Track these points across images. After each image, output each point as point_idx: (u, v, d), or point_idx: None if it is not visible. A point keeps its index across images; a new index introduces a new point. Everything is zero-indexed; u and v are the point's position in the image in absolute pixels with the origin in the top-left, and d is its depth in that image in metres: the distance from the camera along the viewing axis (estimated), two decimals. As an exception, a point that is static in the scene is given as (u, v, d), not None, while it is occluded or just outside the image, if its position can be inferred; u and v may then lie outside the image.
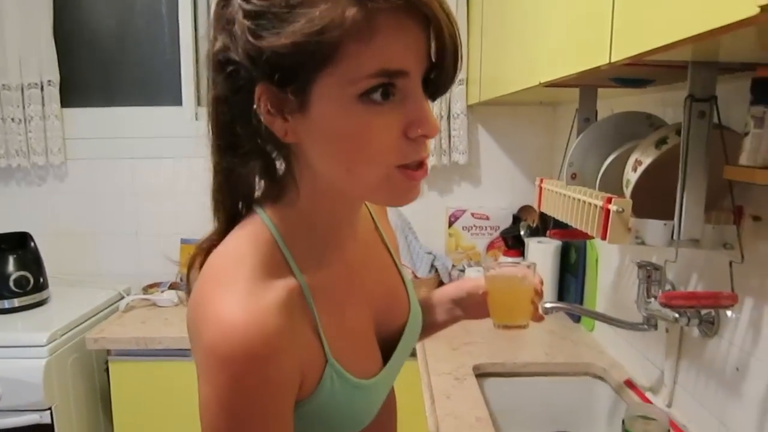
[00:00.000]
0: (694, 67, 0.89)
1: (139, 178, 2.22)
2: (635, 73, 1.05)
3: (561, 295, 1.89)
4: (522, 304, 0.89)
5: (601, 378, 1.47)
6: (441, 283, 2.01)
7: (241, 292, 0.57)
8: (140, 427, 1.84)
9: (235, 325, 0.54)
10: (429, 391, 1.33)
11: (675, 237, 0.90)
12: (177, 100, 2.21)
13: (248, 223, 0.64)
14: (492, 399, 1.44)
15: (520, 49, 1.30)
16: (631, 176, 0.95)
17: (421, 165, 0.60)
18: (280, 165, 0.65)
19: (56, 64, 2.12)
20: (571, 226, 1.15)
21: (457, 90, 1.99)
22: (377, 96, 0.54)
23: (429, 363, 1.49)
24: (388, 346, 0.75)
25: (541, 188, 1.29)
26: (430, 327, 0.95)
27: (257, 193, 0.67)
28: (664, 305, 0.91)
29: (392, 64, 0.54)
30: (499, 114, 2.11)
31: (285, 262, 0.63)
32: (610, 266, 1.57)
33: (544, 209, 1.30)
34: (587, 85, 1.30)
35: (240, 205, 0.67)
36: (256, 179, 0.66)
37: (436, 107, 1.99)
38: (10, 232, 2.02)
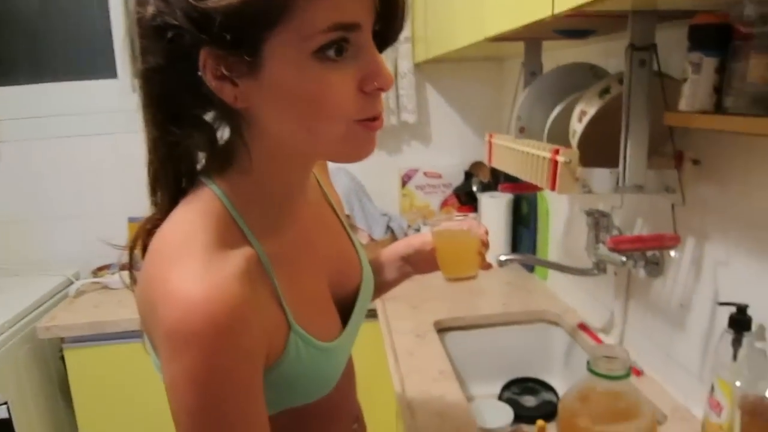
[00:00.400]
0: (634, 16, 0.91)
1: (77, 156, 2.12)
2: (577, 25, 1.06)
3: (515, 247, 1.93)
4: (469, 255, 0.92)
5: (555, 323, 1.53)
6: (398, 244, 2.03)
7: (197, 266, 0.55)
8: (103, 413, 1.81)
9: (195, 300, 0.52)
10: (392, 350, 1.36)
11: (620, 184, 0.92)
12: (112, 73, 2.11)
13: (195, 196, 0.62)
14: (454, 352, 1.48)
15: (466, 4, 1.29)
16: (577, 127, 0.97)
17: (376, 117, 0.59)
18: (222, 134, 0.63)
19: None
20: (521, 180, 1.18)
21: (403, 48, 1.97)
22: (332, 52, 0.53)
23: (390, 323, 1.51)
24: (345, 309, 0.77)
25: (490, 143, 1.31)
26: (382, 286, 0.98)
27: (200, 166, 0.65)
28: (613, 250, 0.94)
29: (345, 17, 0.53)
30: (446, 71, 2.10)
31: (240, 232, 0.62)
32: (560, 216, 1.62)
33: (495, 164, 1.31)
34: (532, 38, 1.31)
35: (183, 181, 0.65)
36: (198, 151, 0.64)
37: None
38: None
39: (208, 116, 0.62)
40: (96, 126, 2.10)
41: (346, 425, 0.82)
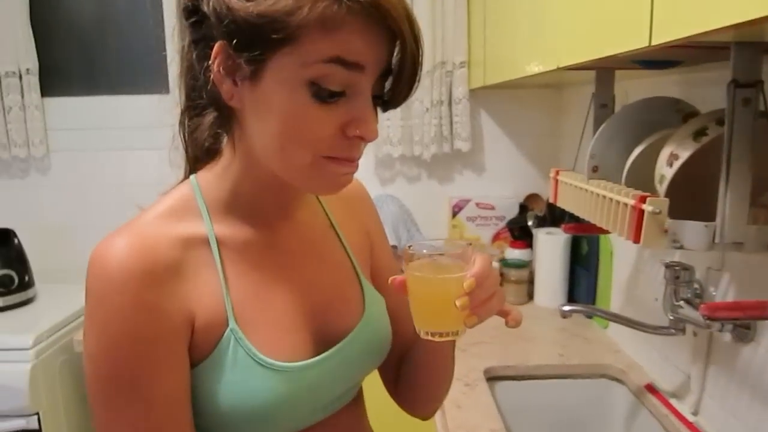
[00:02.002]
0: (738, 49, 0.79)
1: (125, 169, 2.11)
2: (664, 55, 0.95)
3: (572, 291, 1.80)
4: (446, 307, 0.64)
5: (619, 380, 1.39)
6: (445, 278, 1.92)
7: (135, 227, 0.61)
8: None
9: (115, 246, 0.58)
10: (438, 399, 1.25)
11: (717, 240, 0.80)
12: (163, 88, 2.09)
13: (176, 187, 0.69)
14: (504, 404, 1.36)
15: (533, 29, 1.20)
16: (666, 171, 0.85)
17: (350, 160, 0.61)
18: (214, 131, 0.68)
19: (34, 51, 2.00)
20: (586, 221, 1.07)
21: (458, 73, 1.88)
22: (325, 87, 0.56)
23: (436, 366, 1.40)
24: (330, 346, 0.70)
25: (556, 180, 1.20)
26: (419, 364, 0.82)
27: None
28: (708, 318, 0.82)
29: (350, 54, 0.55)
30: (502, 98, 2.00)
31: (197, 210, 0.66)
32: (626, 260, 1.49)
33: (561, 203, 1.20)
34: (605, 67, 1.20)
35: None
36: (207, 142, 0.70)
37: (436, 92, 1.88)
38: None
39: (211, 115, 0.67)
40: (145, 140, 2.08)
41: None
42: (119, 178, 2.11)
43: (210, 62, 0.59)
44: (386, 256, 0.87)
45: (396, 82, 0.60)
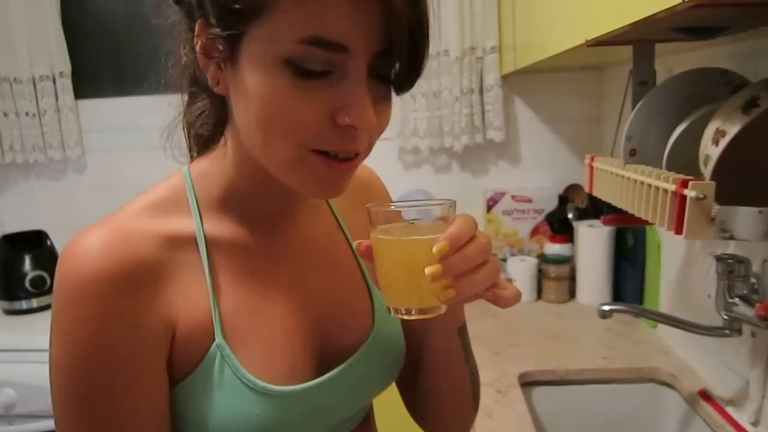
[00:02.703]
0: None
1: (158, 170, 2.09)
2: (706, 19, 0.84)
3: (617, 287, 1.67)
4: (419, 279, 0.51)
5: (669, 385, 1.26)
6: (480, 275, 1.82)
7: (114, 221, 0.55)
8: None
9: (88, 243, 0.52)
10: (467, 405, 1.16)
11: (774, 228, 0.69)
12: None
13: (166, 177, 0.64)
14: (541, 413, 1.26)
15: (561, 4, 1.09)
16: (712, 151, 0.74)
17: (347, 156, 0.53)
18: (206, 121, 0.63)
19: (67, 54, 2.01)
20: (628, 212, 0.96)
21: (488, 59, 1.78)
22: (305, 67, 0.49)
23: (467, 370, 1.32)
24: (335, 365, 0.62)
25: (591, 168, 1.09)
26: (428, 370, 0.71)
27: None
28: (764, 318, 0.71)
29: (329, 33, 0.48)
30: (538, 83, 1.88)
31: (186, 204, 0.60)
32: (675, 253, 1.36)
33: (597, 192, 1.09)
34: (642, 40, 1.09)
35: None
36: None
37: (466, 80, 1.78)
38: (25, 231, 1.96)
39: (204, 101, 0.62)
40: (180, 139, 2.06)
41: None
42: (153, 178, 2.10)
43: (195, 43, 0.54)
44: None
45: (395, 61, 0.51)
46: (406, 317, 0.54)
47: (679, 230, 0.74)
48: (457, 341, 0.67)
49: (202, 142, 0.65)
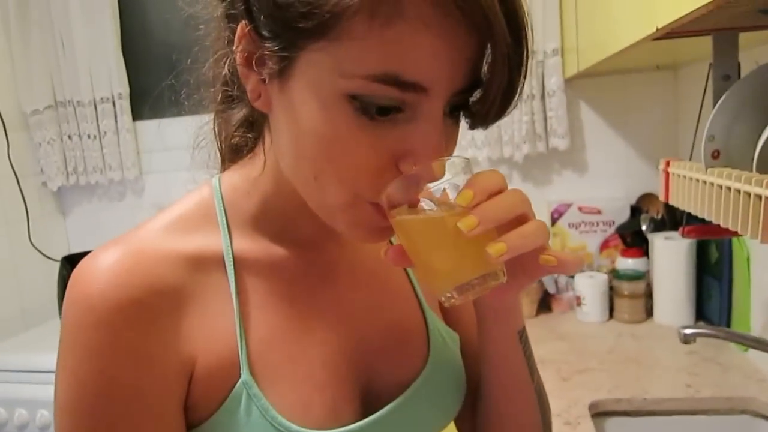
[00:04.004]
0: None
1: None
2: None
3: (700, 306, 1.51)
4: (459, 246, 0.44)
5: (765, 417, 1.11)
6: (546, 293, 1.70)
7: (133, 239, 0.49)
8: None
9: (102, 264, 0.47)
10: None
11: None
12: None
13: (196, 187, 0.57)
14: (615, 447, 1.14)
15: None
16: (817, 148, 0.62)
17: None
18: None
19: (125, 76, 2.06)
20: (712, 222, 0.84)
21: (550, 62, 1.68)
22: (371, 104, 0.41)
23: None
24: (383, 403, 0.54)
25: (667, 173, 0.98)
26: (488, 384, 0.61)
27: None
28: None
29: (408, 72, 0.40)
30: (605, 86, 1.76)
31: (214, 219, 0.53)
32: (767, 266, 1.20)
33: (674, 201, 0.97)
34: (723, 29, 0.96)
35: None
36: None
37: (526, 85, 1.68)
38: (85, 252, 1.98)
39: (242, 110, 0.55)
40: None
41: None
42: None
43: (235, 46, 0.47)
44: None
45: (484, 95, 0.43)
46: (461, 297, 0.44)
47: (777, 243, 0.62)
48: (518, 349, 0.56)
49: (235, 150, 0.58)
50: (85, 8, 1.98)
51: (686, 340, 0.94)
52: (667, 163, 0.99)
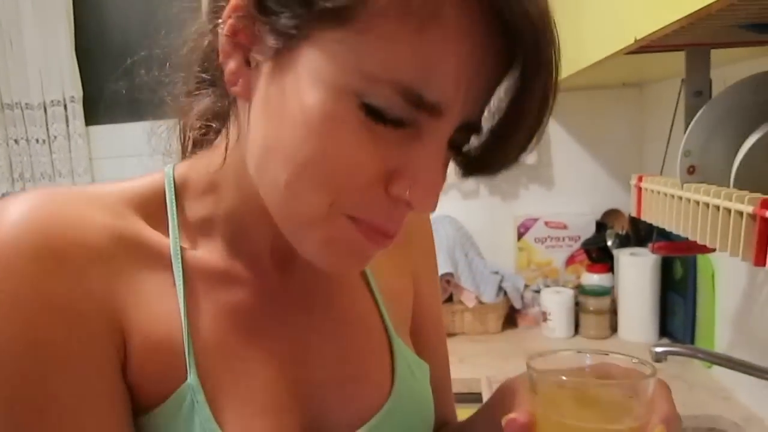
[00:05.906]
0: None
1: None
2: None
3: (664, 323, 1.52)
4: None
5: (732, 437, 1.11)
6: (512, 309, 1.68)
7: (64, 192, 0.44)
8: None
9: (17, 206, 0.40)
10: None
11: None
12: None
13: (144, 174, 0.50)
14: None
15: (607, 3, 0.98)
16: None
17: (384, 231, 0.41)
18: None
19: (79, 79, 1.97)
20: (681, 237, 0.83)
21: (520, 76, 1.67)
22: (379, 113, 0.37)
23: None
24: None
25: (640, 189, 0.96)
26: None
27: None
28: None
29: (431, 90, 0.36)
30: (572, 101, 1.76)
31: (162, 209, 0.48)
32: (733, 284, 1.21)
33: (646, 216, 0.96)
34: (697, 44, 0.96)
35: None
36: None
37: (494, 99, 1.67)
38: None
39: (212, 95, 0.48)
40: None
41: None
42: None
43: (221, 19, 0.40)
44: (434, 309, 0.65)
45: (500, 133, 0.39)
46: None
47: (761, 260, 0.60)
48: None
49: (196, 144, 0.52)
50: (36, 5, 1.88)
51: (657, 358, 0.92)
52: (640, 178, 0.98)
